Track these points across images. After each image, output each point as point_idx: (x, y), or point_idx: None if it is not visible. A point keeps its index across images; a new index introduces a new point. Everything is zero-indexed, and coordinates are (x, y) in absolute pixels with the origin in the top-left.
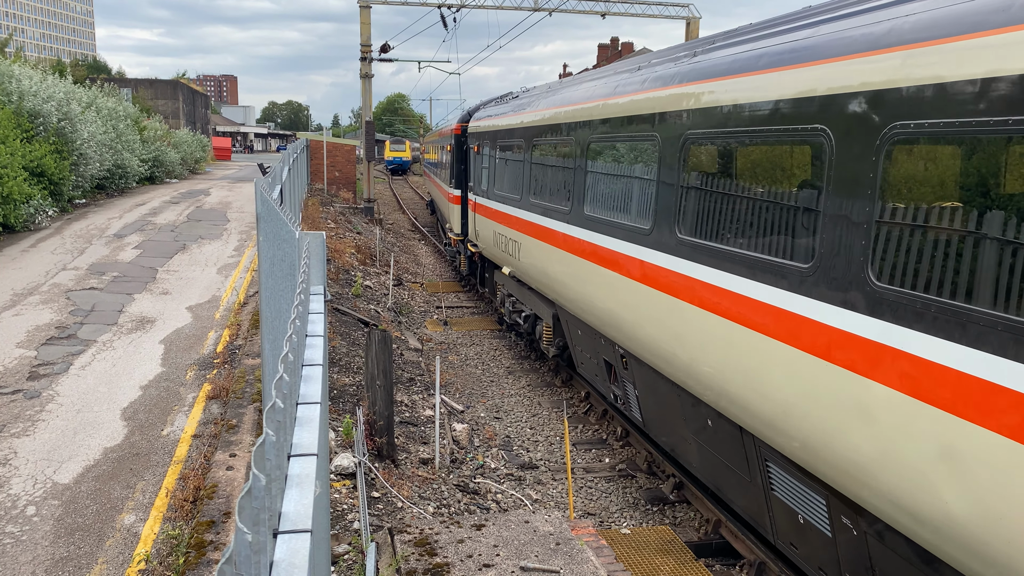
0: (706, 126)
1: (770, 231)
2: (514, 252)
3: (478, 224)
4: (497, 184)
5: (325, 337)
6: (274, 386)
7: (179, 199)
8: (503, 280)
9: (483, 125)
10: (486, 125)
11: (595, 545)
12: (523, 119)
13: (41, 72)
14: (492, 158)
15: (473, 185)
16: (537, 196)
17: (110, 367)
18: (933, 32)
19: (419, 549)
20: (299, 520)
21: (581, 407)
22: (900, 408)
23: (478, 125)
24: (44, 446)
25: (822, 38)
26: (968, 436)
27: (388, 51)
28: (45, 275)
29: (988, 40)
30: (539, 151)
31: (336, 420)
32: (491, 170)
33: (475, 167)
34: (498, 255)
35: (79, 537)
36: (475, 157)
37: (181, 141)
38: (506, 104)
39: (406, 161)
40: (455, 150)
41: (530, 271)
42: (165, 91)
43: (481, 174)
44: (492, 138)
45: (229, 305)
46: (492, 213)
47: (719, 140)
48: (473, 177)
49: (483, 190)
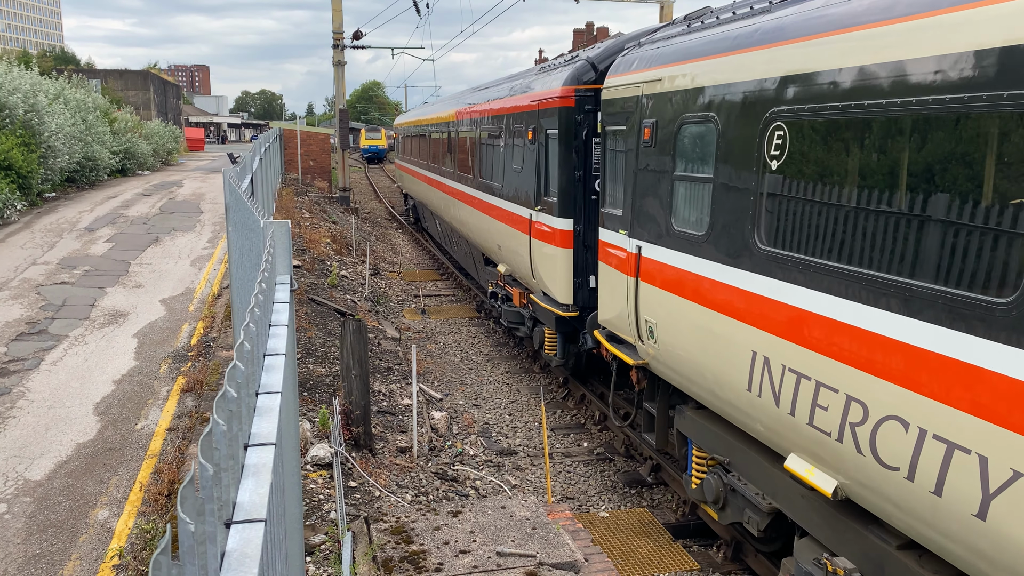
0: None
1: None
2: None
3: (654, 305)
4: (754, 223)
5: (291, 326)
6: (227, 376)
7: (151, 191)
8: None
9: (686, 76)
10: (707, 73)
11: (571, 528)
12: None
13: (6, 64)
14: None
15: (628, 214)
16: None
17: (82, 362)
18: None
19: (395, 537)
20: (253, 510)
21: (559, 392)
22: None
23: (653, 79)
24: (15, 443)
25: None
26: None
27: (361, 38)
28: (15, 270)
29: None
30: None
31: (313, 411)
32: (719, 188)
33: (635, 178)
34: (731, 400)
35: (52, 534)
36: (637, 154)
37: (153, 132)
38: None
39: (382, 149)
40: (554, 141)
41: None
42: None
43: (667, 192)
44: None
45: (203, 297)
46: (720, 293)
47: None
48: (631, 198)
49: (674, 231)
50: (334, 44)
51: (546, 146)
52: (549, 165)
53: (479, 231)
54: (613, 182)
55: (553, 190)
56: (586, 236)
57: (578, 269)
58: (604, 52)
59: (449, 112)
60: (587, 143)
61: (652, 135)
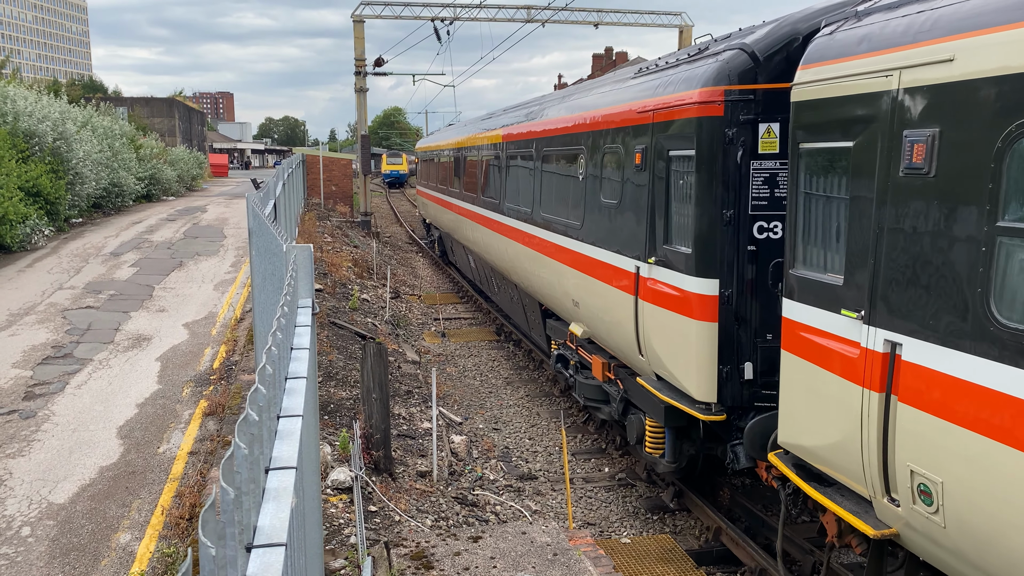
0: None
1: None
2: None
3: (935, 450)
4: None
5: (313, 350)
6: (248, 399)
7: (176, 216)
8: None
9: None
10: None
11: (593, 555)
12: None
13: (36, 92)
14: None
15: (866, 286)
16: None
17: (106, 385)
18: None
19: (415, 563)
20: (274, 534)
21: (580, 417)
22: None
23: (933, 58)
24: (39, 466)
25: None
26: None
27: (382, 65)
28: (41, 295)
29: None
30: None
31: (333, 434)
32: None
33: (884, 228)
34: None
35: (74, 557)
36: (889, 189)
37: (177, 158)
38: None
39: (403, 174)
40: (685, 167)
41: None
42: (161, 109)
43: (975, 257)
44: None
45: (226, 321)
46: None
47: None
48: (874, 260)
49: (995, 327)
50: (356, 71)
51: (667, 173)
52: (673, 200)
53: (539, 279)
54: (817, 230)
55: (684, 237)
56: (739, 304)
57: (726, 352)
58: (770, 36)
59: (492, 133)
60: (742, 169)
61: (930, 156)
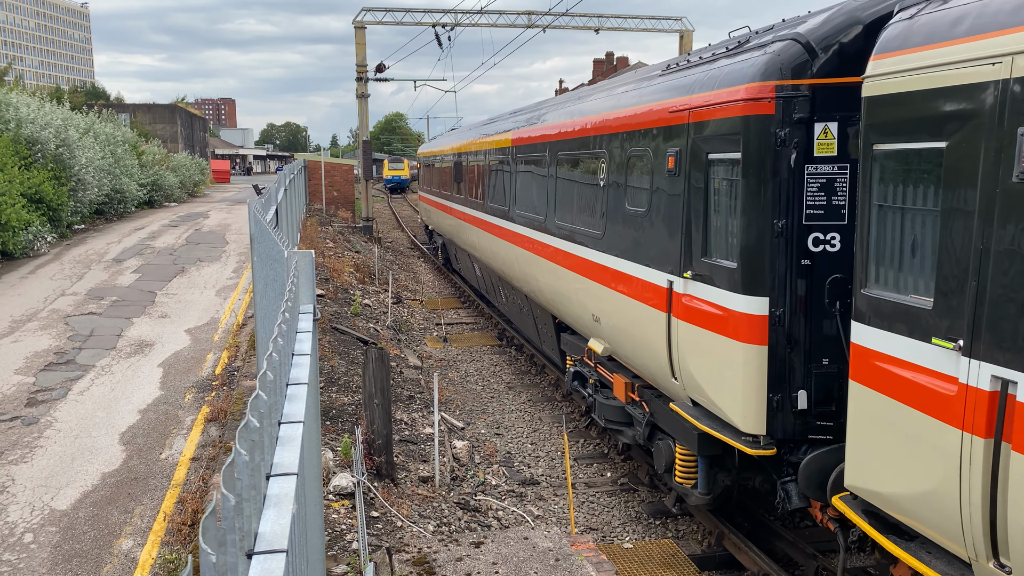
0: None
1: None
2: None
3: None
4: None
5: (314, 356)
6: (250, 405)
7: (178, 222)
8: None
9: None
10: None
11: (595, 560)
12: None
13: (39, 99)
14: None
15: (968, 313)
16: None
17: (108, 391)
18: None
19: (418, 568)
20: (275, 540)
21: (582, 421)
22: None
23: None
24: (42, 472)
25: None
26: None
27: (384, 71)
28: (44, 301)
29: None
30: None
31: (335, 439)
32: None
33: (993, 244)
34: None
35: (76, 564)
36: (1006, 197)
37: (179, 165)
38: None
39: (405, 180)
40: (728, 171)
41: None
42: (163, 115)
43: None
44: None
45: (228, 327)
46: None
47: None
48: (978, 281)
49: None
50: (358, 77)
51: (706, 179)
52: (713, 209)
53: (553, 291)
54: (896, 244)
55: (727, 249)
56: (791, 325)
57: (776, 378)
58: (827, 25)
59: (500, 137)
60: (796, 174)
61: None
